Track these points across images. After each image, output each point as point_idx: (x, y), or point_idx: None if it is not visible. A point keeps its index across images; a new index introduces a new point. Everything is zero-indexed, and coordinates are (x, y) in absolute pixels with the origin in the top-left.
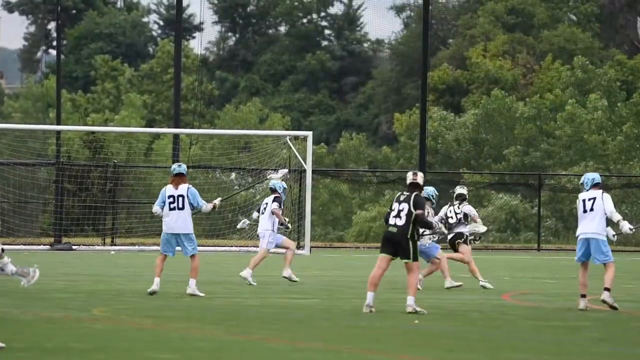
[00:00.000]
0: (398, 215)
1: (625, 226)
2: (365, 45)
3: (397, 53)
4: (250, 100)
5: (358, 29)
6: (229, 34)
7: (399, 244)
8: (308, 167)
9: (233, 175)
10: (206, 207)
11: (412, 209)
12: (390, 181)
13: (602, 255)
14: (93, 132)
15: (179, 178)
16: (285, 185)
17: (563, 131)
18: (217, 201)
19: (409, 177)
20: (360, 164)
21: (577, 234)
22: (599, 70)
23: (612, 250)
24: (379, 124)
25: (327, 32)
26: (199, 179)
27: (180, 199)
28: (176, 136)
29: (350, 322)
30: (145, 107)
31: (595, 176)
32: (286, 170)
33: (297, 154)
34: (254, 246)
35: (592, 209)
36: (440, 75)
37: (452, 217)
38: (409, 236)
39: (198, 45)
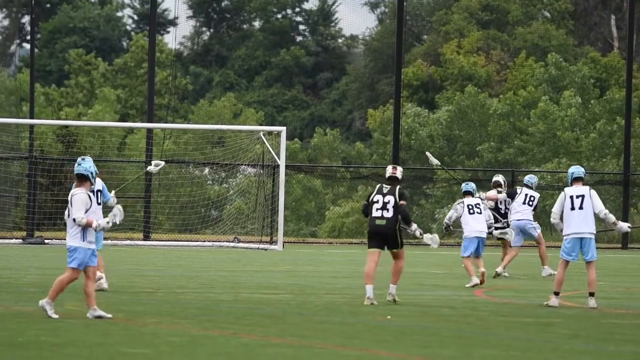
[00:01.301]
0: (385, 208)
1: (624, 227)
2: (340, 41)
3: (371, 49)
4: (225, 95)
5: (332, 24)
6: (203, 28)
7: (388, 237)
8: (282, 162)
9: (206, 170)
10: (113, 199)
11: (398, 200)
12: (364, 177)
13: (594, 253)
14: (66, 126)
15: None
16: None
17: (536, 128)
18: (112, 193)
19: (389, 170)
20: (334, 160)
21: (569, 232)
22: (572, 67)
23: None
24: (353, 120)
25: (301, 27)
26: (172, 174)
27: (99, 193)
28: (150, 131)
29: (323, 318)
30: (119, 102)
31: (576, 170)
32: (163, 163)
33: (270, 149)
34: (226, 241)
35: (581, 207)
36: (415, 72)
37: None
38: (397, 228)
39: (172, 39)
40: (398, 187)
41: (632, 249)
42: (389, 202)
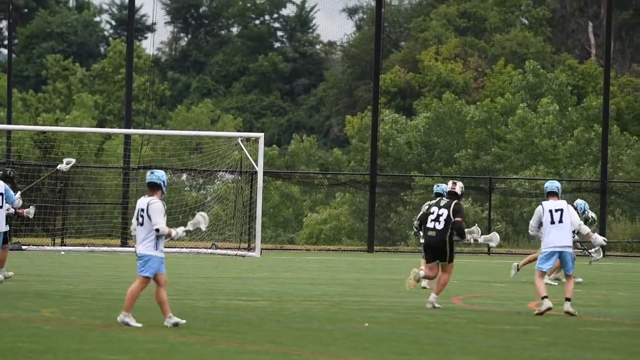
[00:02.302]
0: (437, 220)
1: (599, 239)
2: (318, 47)
3: (349, 55)
4: (202, 101)
5: (310, 30)
6: (181, 34)
7: (437, 248)
8: (259, 168)
9: (184, 176)
10: (19, 200)
11: (451, 215)
12: (342, 183)
13: (572, 266)
14: (44, 132)
15: None
16: None
17: (514, 135)
18: (18, 194)
19: (449, 185)
20: (311, 166)
21: (549, 245)
22: (550, 74)
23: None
24: (331, 126)
25: (279, 33)
26: None
27: (1, 196)
28: (127, 136)
29: (300, 325)
30: (96, 107)
31: (549, 184)
32: (74, 160)
33: (248, 155)
34: (204, 248)
35: (561, 221)
36: (392, 78)
37: None
38: (447, 239)
39: (150, 45)
40: (455, 202)
41: (609, 256)
42: (442, 215)
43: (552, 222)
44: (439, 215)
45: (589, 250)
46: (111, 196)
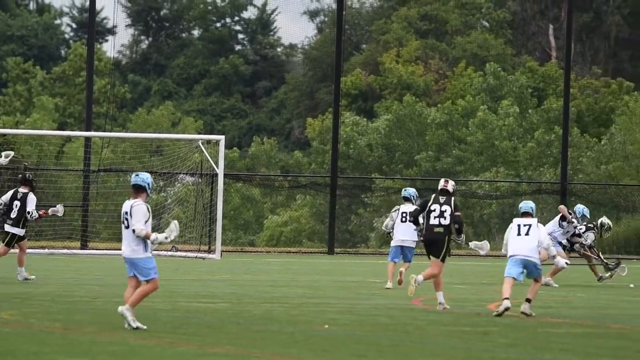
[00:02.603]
0: (442, 216)
1: (561, 262)
2: (279, 49)
3: (310, 58)
4: (163, 103)
5: (271, 33)
6: (142, 37)
7: (437, 244)
8: (220, 171)
9: None
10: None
11: (453, 210)
12: (302, 186)
13: (537, 271)
14: (4, 135)
15: None
16: None
17: (474, 137)
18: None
19: (441, 183)
20: (272, 169)
21: (513, 253)
22: (510, 76)
23: None
24: (292, 129)
25: (240, 36)
26: (110, 183)
27: None
28: (88, 139)
29: (260, 327)
30: (57, 110)
31: (523, 205)
32: (12, 153)
33: (209, 157)
34: (164, 250)
35: (527, 234)
36: (353, 81)
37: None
38: (451, 236)
39: (111, 48)
40: (453, 198)
41: (570, 257)
42: (445, 211)
43: (519, 234)
44: (442, 212)
45: (612, 264)
46: (71, 199)
